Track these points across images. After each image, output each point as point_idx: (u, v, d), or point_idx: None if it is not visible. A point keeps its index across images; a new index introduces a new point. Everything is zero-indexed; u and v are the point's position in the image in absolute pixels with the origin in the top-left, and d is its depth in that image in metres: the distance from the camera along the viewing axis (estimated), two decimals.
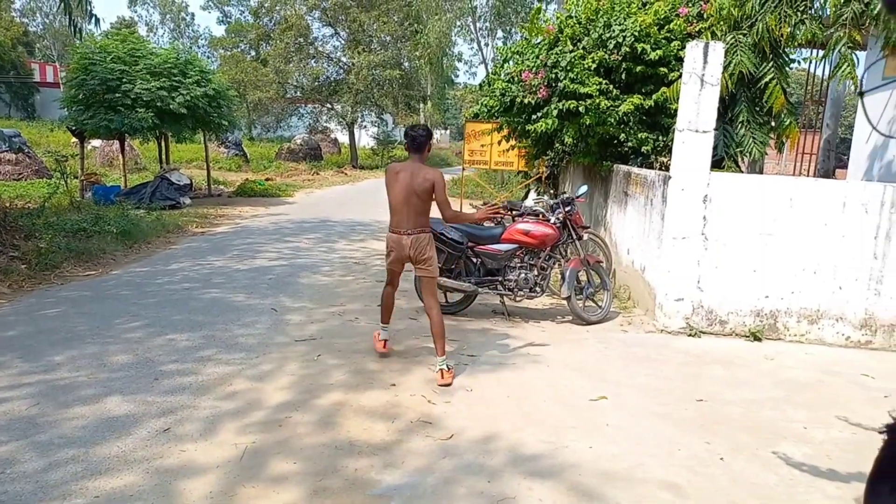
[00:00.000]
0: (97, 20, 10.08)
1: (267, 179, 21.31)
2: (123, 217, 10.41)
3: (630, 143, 7.50)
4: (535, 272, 6.15)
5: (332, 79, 32.86)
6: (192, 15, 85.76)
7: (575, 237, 6.31)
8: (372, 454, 3.42)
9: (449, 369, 4.51)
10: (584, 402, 4.22)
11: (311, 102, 34.43)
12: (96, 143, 22.91)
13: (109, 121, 13.57)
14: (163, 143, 17.23)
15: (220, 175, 22.24)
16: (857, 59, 6.39)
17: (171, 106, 14.02)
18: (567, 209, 6.26)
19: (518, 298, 6.21)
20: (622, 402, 4.26)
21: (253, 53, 37.45)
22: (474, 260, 6.20)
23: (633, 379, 4.71)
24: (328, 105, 33.66)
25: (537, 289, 6.18)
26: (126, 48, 14.36)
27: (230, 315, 5.98)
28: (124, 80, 13.73)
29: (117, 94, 13.58)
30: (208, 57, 45.80)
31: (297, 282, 7.53)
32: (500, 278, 6.15)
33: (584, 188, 6.61)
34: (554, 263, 6.33)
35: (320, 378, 4.50)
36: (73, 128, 14.34)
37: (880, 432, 0.47)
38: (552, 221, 6.20)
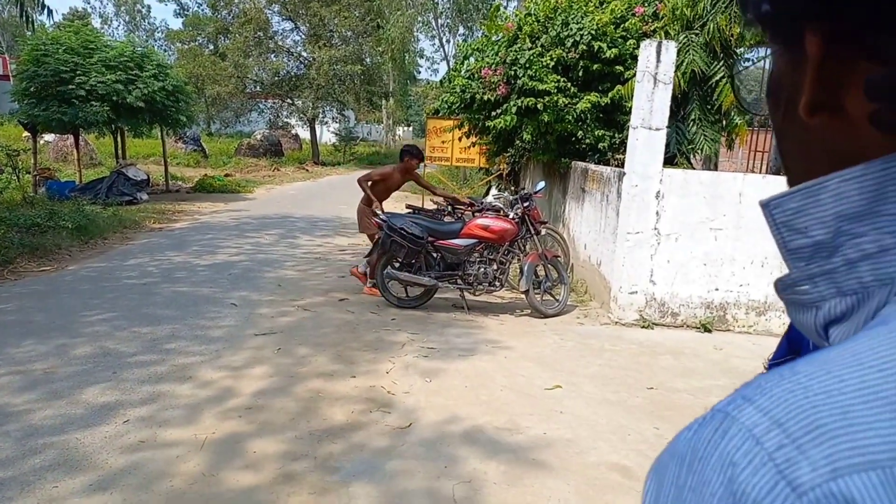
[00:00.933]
0: (49, 11, 9.84)
1: (226, 175, 21.03)
2: (79, 212, 10.19)
3: (587, 141, 7.66)
4: (495, 267, 6.26)
5: (292, 74, 32.50)
6: (149, 7, 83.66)
7: (533, 232, 6.44)
8: (332, 442, 3.48)
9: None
10: (540, 391, 4.34)
11: (271, 97, 33.99)
12: (49, 137, 22.27)
13: (63, 114, 13.24)
14: (119, 138, 16.85)
15: (178, 171, 21.85)
16: None
17: (127, 99, 13.74)
18: (525, 205, 6.39)
19: (477, 293, 6.33)
20: (577, 390, 4.40)
21: (211, 47, 36.78)
22: (434, 255, 6.29)
23: (588, 369, 4.86)
24: (289, 100, 33.30)
25: (496, 283, 6.29)
26: (79, 40, 14.01)
27: (191, 309, 5.95)
28: (78, 72, 13.40)
29: (71, 87, 13.24)
30: (165, 50, 44.90)
31: (260, 276, 7.51)
32: (459, 273, 6.25)
33: (541, 184, 6.75)
34: (512, 258, 6.46)
35: (282, 369, 4.53)
36: (25, 121, 13.93)
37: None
38: (511, 217, 6.32)
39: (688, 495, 0.32)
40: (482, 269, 6.22)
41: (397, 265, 6.29)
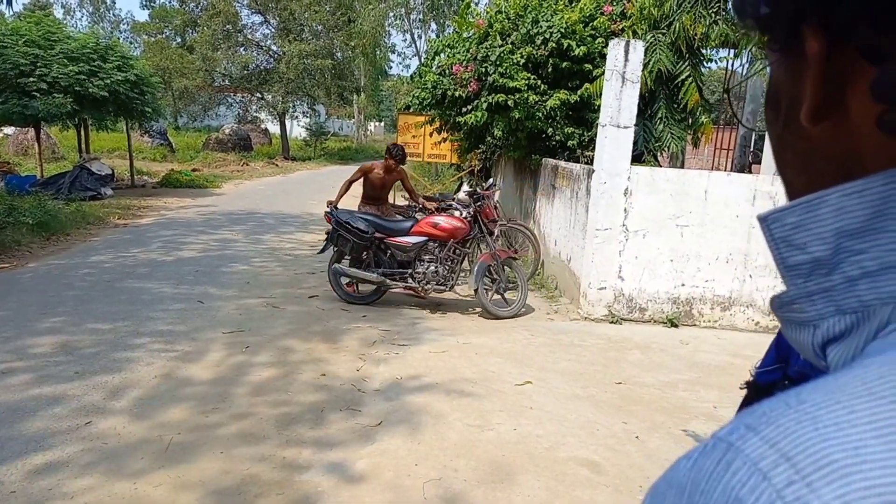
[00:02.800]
0: (9, 1, 9.57)
1: (194, 170, 20.69)
2: (40, 208, 9.93)
3: (557, 138, 7.72)
4: (445, 266, 6.19)
5: (261, 68, 32.10)
6: None
7: (486, 232, 6.30)
8: (300, 441, 3.45)
9: None
10: (510, 387, 4.37)
11: (240, 91, 33.55)
12: (9, 130, 21.69)
13: (24, 106, 12.88)
14: (82, 132, 16.47)
15: (143, 165, 21.43)
16: None
17: (90, 90, 13.43)
18: (477, 204, 6.29)
19: (425, 292, 6.26)
20: (546, 386, 4.43)
21: (179, 40, 36.18)
22: (385, 252, 6.27)
23: (558, 364, 4.90)
24: (258, 94, 32.90)
25: (445, 282, 6.20)
26: (41, 31, 13.65)
27: (157, 306, 5.85)
28: (39, 64, 13.06)
29: (31, 79, 12.90)
30: (130, 43, 43.91)
31: (227, 273, 7.41)
32: (410, 271, 6.22)
33: (490, 181, 6.79)
34: (464, 257, 6.38)
35: (248, 367, 4.48)
36: None
37: (741, 388, 0.55)
38: (464, 216, 6.26)
39: None
40: (432, 268, 6.16)
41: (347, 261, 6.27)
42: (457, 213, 6.30)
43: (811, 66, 0.38)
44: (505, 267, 6.25)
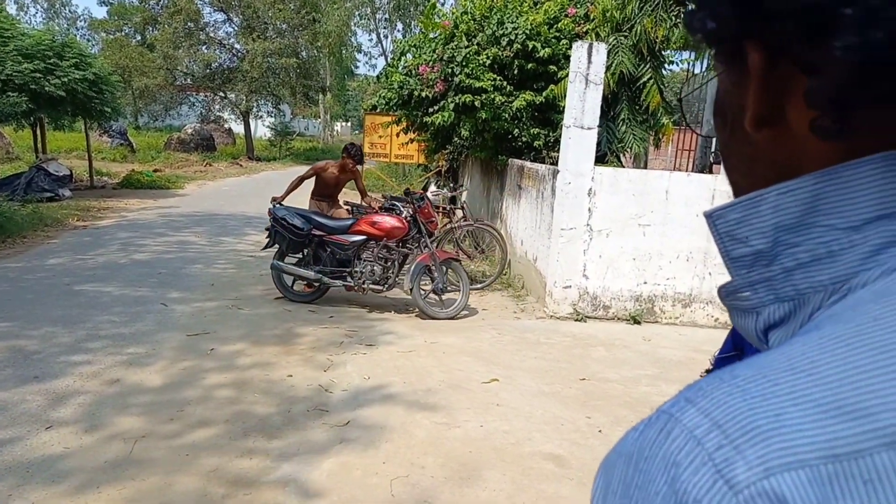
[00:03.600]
0: None
1: (155, 171, 20.31)
2: None
3: (523, 139, 7.80)
4: (382, 265, 6.20)
5: (225, 66, 31.67)
6: None
7: (424, 232, 6.26)
8: (268, 443, 3.44)
9: None
10: (477, 385, 4.41)
11: (202, 90, 33.02)
12: None
13: None
14: (38, 131, 16.03)
15: (103, 166, 20.95)
16: None
17: (46, 88, 13.09)
18: (418, 204, 6.28)
19: (364, 291, 6.23)
20: (513, 383, 4.49)
21: (138, 38, 35.45)
22: (325, 249, 6.27)
23: (524, 362, 4.96)
24: (221, 94, 32.44)
25: (382, 282, 6.21)
26: None
27: (117, 310, 5.75)
28: None
29: None
30: (88, 40, 42.88)
31: (191, 275, 7.31)
32: (349, 270, 6.22)
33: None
34: (404, 258, 6.36)
35: (213, 370, 4.44)
36: None
37: (701, 377, 0.58)
38: (404, 216, 6.28)
39: (634, 492, 0.35)
40: (370, 268, 6.17)
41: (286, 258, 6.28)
42: (397, 214, 6.32)
43: (753, 78, 0.42)
44: (446, 268, 6.20)
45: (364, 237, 6.19)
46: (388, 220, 6.21)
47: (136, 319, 5.51)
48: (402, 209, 6.40)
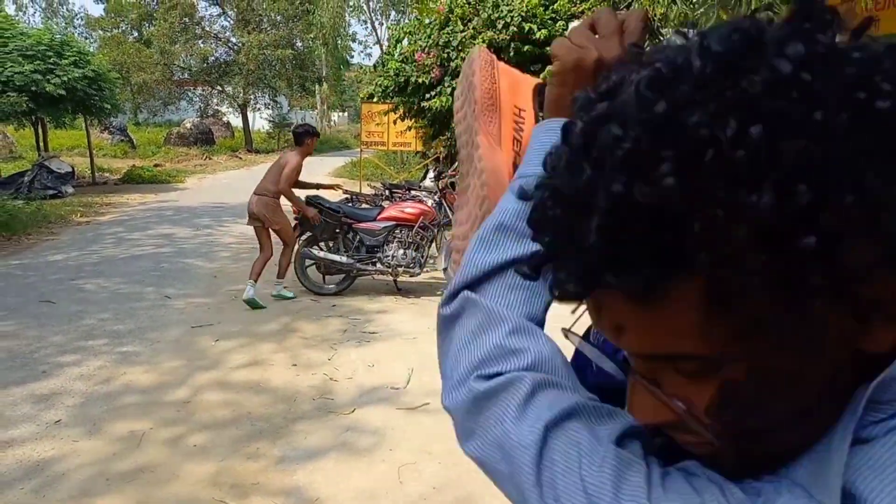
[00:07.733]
0: None
1: (155, 166, 20.32)
2: None
3: None
4: (413, 249, 6.25)
5: (221, 60, 31.55)
6: None
7: (452, 216, 6.37)
8: (274, 432, 3.45)
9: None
10: None
11: (200, 85, 32.90)
12: None
13: None
14: (39, 130, 16.03)
15: (104, 162, 20.94)
16: None
17: (46, 88, 13.07)
18: (444, 189, 6.42)
19: (396, 276, 6.29)
20: None
21: (135, 34, 35.31)
22: (352, 237, 6.27)
23: None
24: (219, 87, 32.33)
25: (414, 265, 6.26)
26: None
27: (122, 304, 5.75)
28: None
29: None
30: (86, 38, 42.66)
31: (193, 268, 7.31)
32: (379, 255, 6.25)
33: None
34: (431, 241, 6.46)
35: (219, 361, 4.44)
36: None
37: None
38: (430, 204, 6.42)
39: None
40: (401, 252, 6.22)
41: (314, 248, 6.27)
42: (424, 200, 6.39)
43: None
44: None
45: (393, 223, 6.22)
46: (417, 206, 6.32)
47: (139, 313, 5.51)
48: (424, 197, 6.50)
